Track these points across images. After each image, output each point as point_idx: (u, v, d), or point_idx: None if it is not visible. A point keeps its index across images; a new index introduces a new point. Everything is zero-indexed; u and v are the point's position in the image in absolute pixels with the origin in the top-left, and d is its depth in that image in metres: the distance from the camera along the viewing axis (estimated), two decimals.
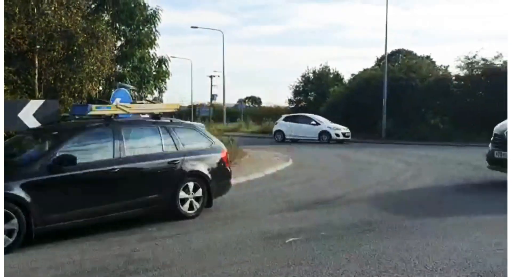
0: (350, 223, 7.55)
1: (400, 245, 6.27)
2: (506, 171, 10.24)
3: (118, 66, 16.60)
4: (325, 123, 30.71)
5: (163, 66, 17.66)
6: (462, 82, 33.29)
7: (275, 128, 32.02)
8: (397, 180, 12.53)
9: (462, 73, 33.41)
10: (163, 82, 17.72)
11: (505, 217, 7.67)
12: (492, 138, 11.17)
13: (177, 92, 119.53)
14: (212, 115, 53.23)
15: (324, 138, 29.51)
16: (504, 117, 11.71)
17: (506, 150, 10.24)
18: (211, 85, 67.53)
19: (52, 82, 14.57)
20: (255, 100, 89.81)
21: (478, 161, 16.98)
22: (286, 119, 32.13)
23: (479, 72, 32.42)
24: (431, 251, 5.96)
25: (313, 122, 30.60)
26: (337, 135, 29.68)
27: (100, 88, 15.94)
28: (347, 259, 5.70)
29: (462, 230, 7.02)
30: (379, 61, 46.71)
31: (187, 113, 53.24)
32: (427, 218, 7.92)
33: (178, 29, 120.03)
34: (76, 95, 14.60)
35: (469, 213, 8.27)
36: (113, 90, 12.70)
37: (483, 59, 32.43)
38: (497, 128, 11.19)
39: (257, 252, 6.06)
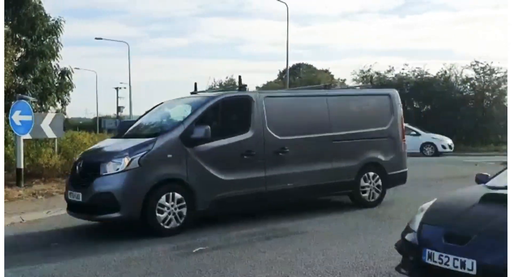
0: (255, 231, 7.63)
1: (303, 250, 6.44)
2: None
3: (19, 78, 15.77)
4: (426, 133, 26.52)
5: (66, 77, 16.99)
6: None
7: None
8: None
9: (357, 86, 35.06)
10: (67, 94, 17.04)
11: (403, 221, 8.11)
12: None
13: (82, 104, 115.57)
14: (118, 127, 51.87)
15: (428, 150, 25.48)
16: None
17: None
18: (117, 97, 65.96)
19: None
20: None
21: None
22: None
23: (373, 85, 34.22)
24: (332, 255, 6.17)
25: (413, 132, 25.55)
26: (444, 147, 25.73)
27: None
28: (251, 266, 5.77)
29: (359, 234, 7.32)
30: (282, 74, 47.89)
31: (92, 125, 51.55)
32: (328, 223, 8.17)
33: (83, 40, 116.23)
34: None
35: (365, 217, 8.65)
36: (13, 102, 12.08)
37: (377, 73, 34.30)
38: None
39: (165, 263, 5.98)
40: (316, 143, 8.90)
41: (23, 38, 16.25)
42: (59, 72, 17.07)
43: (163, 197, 7.28)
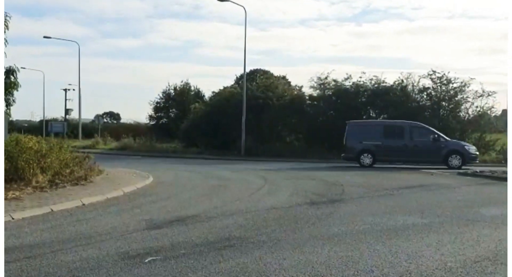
0: (210, 240, 7.58)
1: (259, 260, 6.43)
2: None
3: None
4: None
5: (11, 77, 16.47)
6: (315, 102, 35.27)
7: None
8: (255, 196, 12.85)
9: (315, 93, 35.41)
10: (11, 95, 16.51)
11: (355, 231, 8.23)
12: None
13: (27, 106, 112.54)
14: (66, 130, 50.78)
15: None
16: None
17: None
18: (66, 99, 64.65)
19: None
20: (113, 115, 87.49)
21: (329, 177, 18.05)
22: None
23: (331, 93, 34.62)
24: (288, 265, 6.18)
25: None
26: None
27: None
28: None
29: (316, 244, 7.37)
30: (239, 79, 48.02)
31: (38, 128, 50.22)
32: (283, 233, 8.21)
33: (30, 39, 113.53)
34: None
35: (322, 227, 8.73)
36: None
37: (334, 80, 34.75)
38: None
39: (114, 274, 5.85)
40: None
41: None
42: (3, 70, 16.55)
43: None
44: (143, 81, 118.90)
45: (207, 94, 47.75)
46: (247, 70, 41.63)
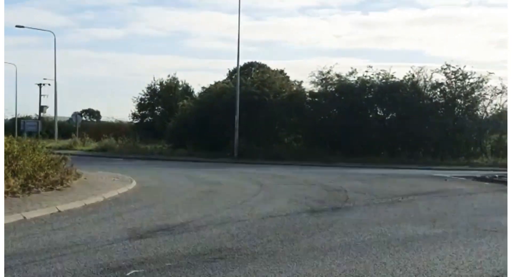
0: (198, 252, 7.58)
1: (253, 273, 6.43)
2: None
3: None
4: None
5: None
6: (316, 99, 35.28)
7: None
8: (249, 203, 12.86)
9: (316, 89, 35.40)
10: None
11: (359, 242, 8.25)
12: None
13: None
14: (40, 130, 50.67)
15: None
16: (360, 136, 12.43)
17: None
18: (40, 95, 64.56)
19: None
20: (93, 113, 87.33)
21: (331, 182, 18.10)
22: None
23: (333, 89, 34.59)
24: None
25: None
26: None
27: None
28: None
29: (316, 256, 7.38)
30: (231, 74, 48.07)
31: (9, 127, 50.10)
32: (280, 244, 8.21)
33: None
34: None
35: (323, 238, 8.74)
36: None
37: (338, 75, 34.71)
38: None
39: None
40: None
41: None
42: None
43: None
44: (125, 75, 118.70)
45: (197, 89, 47.80)
46: (241, 64, 41.77)
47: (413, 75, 33.75)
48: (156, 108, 50.36)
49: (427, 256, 7.46)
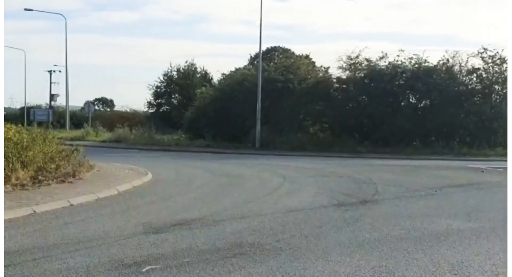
0: (218, 247, 7.63)
1: (276, 270, 6.45)
2: None
3: None
4: None
5: None
6: (344, 85, 35.09)
7: None
8: (272, 196, 12.88)
9: (344, 75, 35.18)
10: None
11: (389, 237, 8.23)
12: None
13: (6, 91, 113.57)
14: (51, 119, 51.24)
15: None
16: (391, 125, 12.37)
17: None
18: (51, 83, 65.19)
19: None
20: (106, 102, 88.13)
21: (359, 174, 18.04)
22: None
23: (362, 74, 34.37)
24: (310, 276, 6.20)
25: None
26: None
27: None
28: None
29: (343, 252, 7.38)
30: (253, 59, 48.03)
31: (19, 117, 50.72)
32: (305, 239, 8.23)
33: (8, 11, 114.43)
34: None
35: (350, 233, 8.73)
36: None
37: (367, 60, 34.43)
38: None
39: None
40: None
41: None
42: None
43: None
44: (140, 62, 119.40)
45: (216, 76, 47.78)
46: (264, 49, 41.63)
47: (447, 60, 33.42)
48: (173, 96, 50.50)
49: (462, 252, 7.42)
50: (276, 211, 10.76)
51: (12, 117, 44.90)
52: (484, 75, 32.99)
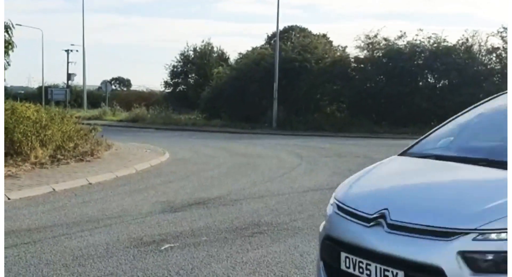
0: (236, 226, 7.67)
1: (293, 249, 6.48)
2: None
3: None
4: None
5: (6, 34, 16.64)
6: (362, 65, 34.89)
7: None
8: (289, 176, 12.90)
9: (361, 54, 34.98)
10: (6, 55, 16.71)
11: None
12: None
13: (24, 70, 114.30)
14: (69, 98, 51.48)
15: None
16: (409, 105, 12.25)
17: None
18: (68, 62, 65.32)
19: None
20: (123, 82, 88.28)
21: (376, 154, 17.96)
22: None
23: (380, 54, 34.14)
24: None
25: None
26: None
27: None
28: (232, 267, 5.80)
29: None
30: (270, 39, 47.72)
31: (36, 96, 51.02)
32: (322, 218, 8.22)
33: None
34: None
35: None
36: None
37: (385, 39, 34.19)
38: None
39: (126, 263, 5.98)
40: None
41: None
42: None
43: None
44: (157, 41, 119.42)
45: (233, 56, 47.70)
46: (281, 28, 41.43)
47: (467, 39, 33.10)
48: (190, 76, 50.40)
49: None
50: (293, 191, 10.78)
51: (30, 96, 45.28)
52: (503, 55, 32.61)
